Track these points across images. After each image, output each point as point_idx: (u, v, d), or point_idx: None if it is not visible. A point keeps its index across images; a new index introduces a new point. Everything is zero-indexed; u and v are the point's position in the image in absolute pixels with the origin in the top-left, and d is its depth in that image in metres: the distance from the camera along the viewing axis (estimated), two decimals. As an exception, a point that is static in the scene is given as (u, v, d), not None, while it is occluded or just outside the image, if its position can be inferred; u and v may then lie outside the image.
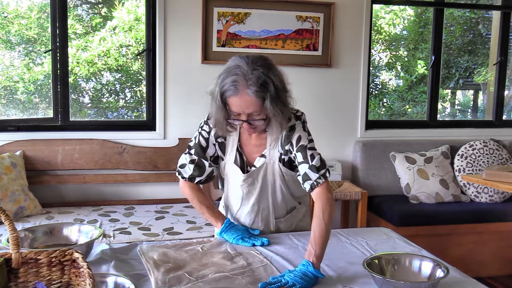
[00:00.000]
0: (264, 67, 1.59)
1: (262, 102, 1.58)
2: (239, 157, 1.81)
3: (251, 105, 1.59)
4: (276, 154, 1.76)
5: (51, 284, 1.25)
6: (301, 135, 1.72)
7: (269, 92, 1.57)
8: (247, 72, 1.56)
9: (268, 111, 1.59)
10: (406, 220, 3.34)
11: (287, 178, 1.79)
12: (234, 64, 1.60)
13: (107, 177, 3.42)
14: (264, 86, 1.57)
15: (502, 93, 4.29)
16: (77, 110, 3.72)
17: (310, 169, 1.68)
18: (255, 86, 1.56)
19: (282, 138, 1.74)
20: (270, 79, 1.58)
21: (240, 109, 1.60)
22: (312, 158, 1.69)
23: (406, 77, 4.66)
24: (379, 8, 4.43)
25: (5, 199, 2.90)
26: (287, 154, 1.75)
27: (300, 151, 1.70)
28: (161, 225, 2.96)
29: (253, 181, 1.79)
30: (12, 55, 3.56)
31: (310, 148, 1.71)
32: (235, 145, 1.80)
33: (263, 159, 1.77)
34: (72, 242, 1.66)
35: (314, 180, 1.67)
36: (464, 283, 1.43)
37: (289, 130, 1.73)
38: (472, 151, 3.73)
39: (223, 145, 1.83)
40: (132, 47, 3.74)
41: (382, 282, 1.35)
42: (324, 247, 1.53)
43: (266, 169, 1.78)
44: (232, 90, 1.57)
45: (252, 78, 1.56)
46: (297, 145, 1.71)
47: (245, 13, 3.57)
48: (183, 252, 1.63)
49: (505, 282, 3.45)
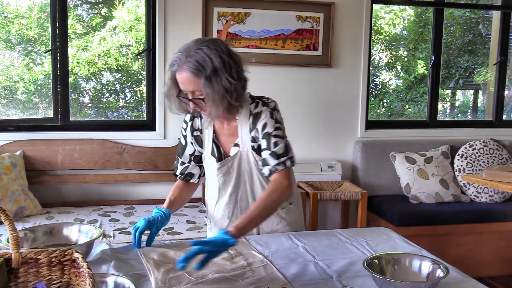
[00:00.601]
0: (208, 48, 1.59)
1: (198, 80, 1.58)
2: (215, 148, 1.81)
3: (189, 83, 1.60)
4: (248, 143, 1.75)
5: (51, 284, 1.25)
6: (267, 122, 1.71)
7: (205, 72, 1.57)
8: (189, 50, 1.59)
9: (205, 89, 1.58)
10: (406, 220, 3.35)
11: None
12: (186, 43, 1.64)
13: (107, 177, 3.42)
14: (201, 64, 1.57)
15: (502, 93, 4.29)
16: (77, 110, 3.72)
17: (270, 155, 1.68)
18: (191, 63, 1.57)
19: (250, 125, 1.73)
20: (210, 59, 1.58)
21: (183, 86, 1.63)
22: (275, 145, 1.68)
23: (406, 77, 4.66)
24: (379, 8, 4.43)
25: (5, 199, 2.90)
26: (255, 141, 1.74)
27: (265, 138, 1.70)
28: (161, 225, 2.96)
29: (228, 170, 1.79)
30: (12, 55, 3.56)
31: (275, 136, 1.70)
32: (211, 137, 1.81)
33: (237, 148, 1.77)
34: (72, 242, 1.66)
35: (273, 165, 1.67)
36: (464, 283, 1.43)
37: (255, 117, 1.72)
38: (472, 151, 3.73)
39: (199, 138, 1.84)
40: (132, 47, 3.75)
41: (382, 282, 1.35)
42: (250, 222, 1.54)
43: (240, 157, 1.77)
44: (174, 66, 1.61)
45: (192, 56, 1.58)
46: (263, 131, 1.71)
47: (245, 13, 3.57)
48: (183, 252, 1.63)
49: (505, 282, 3.45)
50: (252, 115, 1.73)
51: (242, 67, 1.69)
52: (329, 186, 3.57)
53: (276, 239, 1.79)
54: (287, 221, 1.89)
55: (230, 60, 1.62)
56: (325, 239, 1.81)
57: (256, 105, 1.74)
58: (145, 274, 1.45)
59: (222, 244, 1.44)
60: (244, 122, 1.74)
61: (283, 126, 1.76)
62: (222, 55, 1.61)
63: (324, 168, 3.67)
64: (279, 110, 1.78)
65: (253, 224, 1.59)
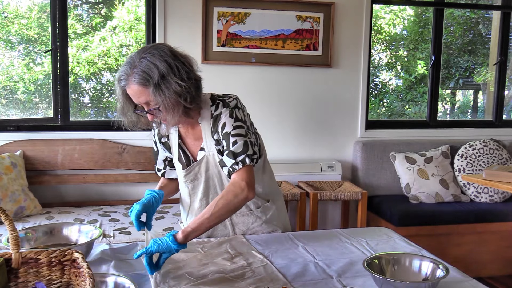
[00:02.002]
0: (151, 54, 1.54)
1: (147, 90, 1.54)
2: (183, 154, 1.78)
3: (140, 95, 1.55)
4: (213, 146, 1.71)
5: (51, 284, 1.25)
6: (226, 122, 1.65)
7: (152, 79, 1.52)
8: (134, 62, 1.55)
9: (155, 98, 1.54)
10: (406, 220, 3.35)
11: None
12: (129, 56, 1.60)
13: (107, 177, 3.42)
14: (147, 73, 1.52)
15: (502, 93, 4.29)
16: (77, 110, 3.72)
17: (227, 155, 1.63)
18: (137, 74, 1.53)
19: (211, 128, 1.69)
20: (155, 65, 1.52)
21: (135, 99, 1.59)
22: (233, 144, 1.62)
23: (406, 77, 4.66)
24: (379, 8, 4.43)
25: (5, 199, 2.90)
26: (219, 144, 1.69)
27: (225, 138, 1.65)
28: (161, 225, 2.96)
29: (195, 175, 1.77)
30: (12, 55, 3.56)
31: (234, 135, 1.63)
32: (177, 143, 1.79)
33: (203, 152, 1.73)
34: (72, 242, 1.66)
35: (230, 165, 1.62)
36: (464, 283, 1.43)
37: (215, 119, 1.67)
38: (472, 151, 3.73)
39: (167, 144, 1.83)
40: (132, 47, 3.74)
41: (382, 282, 1.35)
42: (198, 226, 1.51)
43: (207, 162, 1.73)
44: (122, 82, 1.57)
45: (137, 66, 1.53)
46: (222, 132, 1.66)
47: (245, 13, 3.57)
48: (184, 252, 1.63)
49: (505, 282, 3.45)
50: (212, 118, 1.67)
51: (192, 66, 1.63)
52: (329, 186, 3.57)
53: (276, 239, 1.79)
54: (263, 220, 1.85)
55: (176, 62, 1.56)
56: (325, 239, 1.81)
57: (217, 107, 1.68)
58: (145, 274, 1.45)
59: (167, 249, 1.43)
60: (207, 126, 1.70)
61: (246, 123, 1.69)
62: (167, 58, 1.55)
63: (324, 168, 3.67)
64: (241, 107, 1.70)
65: (202, 228, 1.52)
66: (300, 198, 3.23)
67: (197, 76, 1.65)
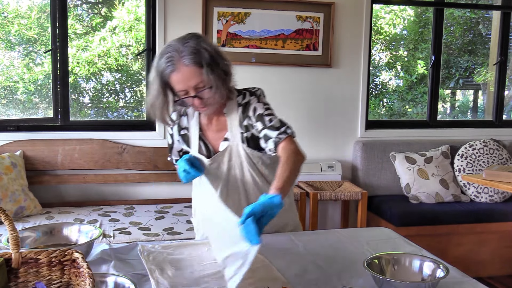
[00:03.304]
0: (194, 39, 1.61)
1: (200, 70, 1.58)
2: (203, 146, 1.80)
3: (191, 76, 1.58)
4: (238, 135, 1.73)
5: (51, 284, 1.25)
6: (256, 106, 1.71)
7: (204, 59, 1.58)
8: (179, 47, 1.59)
9: (208, 77, 1.58)
10: (406, 220, 3.35)
11: (254, 160, 1.75)
12: (165, 46, 1.63)
13: (107, 177, 3.42)
14: (198, 54, 1.57)
15: (502, 93, 4.29)
16: (77, 110, 3.72)
17: (269, 129, 1.66)
18: (189, 56, 1.57)
19: (240, 116, 1.73)
20: (203, 47, 1.59)
21: (184, 83, 1.60)
22: (270, 121, 1.67)
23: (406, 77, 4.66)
24: (379, 8, 4.43)
25: (5, 199, 2.90)
26: (248, 130, 1.72)
27: (259, 120, 1.69)
28: (161, 225, 2.96)
29: (218, 165, 1.77)
30: (12, 55, 3.56)
31: (267, 114, 1.69)
32: (197, 134, 1.80)
33: (227, 142, 1.75)
34: (72, 242, 1.66)
35: (275, 136, 1.64)
36: (464, 283, 1.43)
37: (245, 106, 1.72)
38: (472, 151, 3.73)
39: (187, 137, 1.84)
40: (132, 47, 3.74)
41: (382, 282, 1.35)
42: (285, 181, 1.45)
43: (230, 151, 1.75)
44: (169, 67, 1.58)
45: (184, 50, 1.57)
46: (255, 115, 1.70)
47: (245, 13, 3.57)
48: (184, 252, 1.63)
49: (505, 282, 3.45)
50: (241, 105, 1.73)
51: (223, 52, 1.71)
52: (329, 186, 3.57)
53: (276, 239, 1.79)
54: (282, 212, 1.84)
55: (214, 45, 1.66)
56: (325, 239, 1.81)
57: (244, 96, 1.74)
58: (145, 274, 1.45)
59: (269, 205, 1.32)
60: (234, 115, 1.74)
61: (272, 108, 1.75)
62: (207, 42, 1.63)
63: (324, 168, 3.67)
64: (265, 96, 1.78)
65: (289, 183, 1.47)
66: (300, 198, 3.23)
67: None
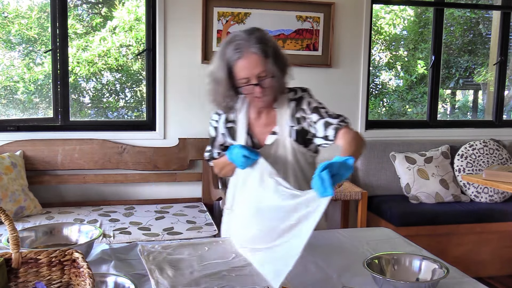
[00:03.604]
0: (260, 32, 1.70)
1: (266, 60, 1.66)
2: (249, 140, 1.84)
3: (257, 64, 1.66)
4: (287, 129, 1.79)
5: (51, 284, 1.25)
6: (310, 100, 1.79)
7: (270, 50, 1.67)
8: (246, 37, 1.67)
9: (272, 67, 1.67)
10: (406, 220, 3.35)
11: (298, 155, 1.80)
12: (231, 36, 1.71)
13: (107, 177, 3.42)
14: (264, 44, 1.66)
15: (502, 93, 4.29)
16: (77, 110, 3.72)
17: (329, 117, 1.74)
18: (257, 45, 1.65)
19: (292, 109, 1.79)
20: (268, 39, 1.69)
21: (249, 71, 1.66)
22: (327, 113, 1.75)
23: (406, 77, 4.66)
24: (379, 8, 4.43)
25: (5, 199, 2.90)
26: (299, 123, 1.78)
27: (315, 112, 1.76)
28: (161, 225, 2.96)
29: (266, 157, 1.79)
30: (12, 55, 3.56)
31: (322, 107, 1.78)
32: (245, 128, 1.85)
33: (275, 136, 1.81)
34: (72, 242, 1.66)
35: (337, 123, 1.71)
36: (464, 283, 1.44)
37: (298, 100, 1.80)
38: (472, 151, 3.73)
39: (233, 130, 1.87)
40: (132, 47, 3.74)
41: (382, 282, 1.35)
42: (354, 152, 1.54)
43: (277, 145, 1.81)
44: (237, 54, 1.66)
45: (252, 40, 1.66)
46: (309, 108, 1.77)
47: (245, 13, 3.57)
48: (184, 252, 1.63)
49: (505, 282, 3.45)
50: (294, 100, 1.80)
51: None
52: (329, 186, 3.56)
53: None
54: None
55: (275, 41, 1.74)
56: (325, 239, 1.81)
57: (295, 92, 1.82)
58: (145, 274, 1.45)
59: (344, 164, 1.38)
60: (284, 109, 1.80)
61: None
62: (268, 35, 1.71)
63: (324, 168, 3.66)
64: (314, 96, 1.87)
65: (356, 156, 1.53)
66: (300, 198, 3.23)
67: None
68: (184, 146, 3.51)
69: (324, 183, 1.32)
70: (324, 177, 1.32)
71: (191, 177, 3.55)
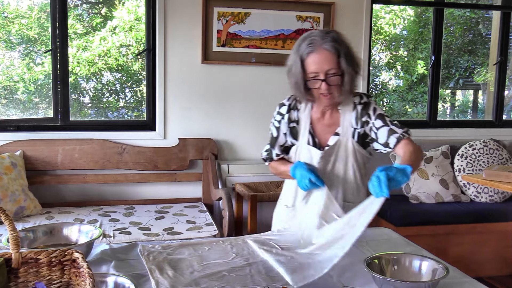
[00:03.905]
0: (335, 33, 1.76)
1: (337, 58, 1.71)
2: (311, 139, 1.88)
3: (328, 60, 1.71)
4: (350, 130, 1.85)
5: (51, 284, 1.25)
6: (376, 107, 1.85)
7: (343, 49, 1.72)
8: (322, 35, 1.74)
9: (343, 65, 1.72)
10: (406, 220, 3.34)
11: (359, 157, 1.87)
12: (308, 33, 1.79)
13: (107, 177, 3.42)
14: (338, 43, 1.72)
15: (502, 93, 4.29)
16: (77, 110, 3.72)
17: (393, 125, 1.81)
18: (330, 42, 1.71)
19: (358, 113, 1.84)
20: (343, 40, 1.75)
21: (318, 65, 1.72)
22: (391, 122, 1.82)
23: (406, 77, 4.66)
24: (379, 8, 4.43)
25: (5, 199, 2.90)
26: (363, 126, 1.84)
27: (379, 118, 1.83)
28: (161, 225, 2.96)
29: (328, 157, 1.86)
30: (12, 55, 3.56)
31: (387, 116, 1.85)
32: (307, 128, 1.89)
33: (337, 137, 1.86)
34: (72, 242, 1.66)
35: (400, 133, 1.79)
36: (464, 283, 1.44)
37: (365, 105, 1.85)
38: (472, 151, 3.73)
39: (295, 130, 1.92)
40: (132, 47, 3.75)
41: (382, 282, 1.35)
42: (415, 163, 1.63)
43: (339, 145, 1.86)
44: (309, 48, 1.73)
45: (326, 38, 1.72)
46: (375, 114, 1.83)
47: (245, 13, 3.57)
48: (184, 252, 1.63)
49: (505, 282, 3.45)
50: (360, 104, 1.85)
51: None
52: (329, 186, 3.57)
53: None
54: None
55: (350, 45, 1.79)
56: (325, 239, 1.80)
57: (361, 97, 1.86)
58: (145, 274, 1.45)
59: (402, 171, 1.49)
60: (348, 112, 1.85)
61: None
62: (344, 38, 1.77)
63: (324, 168, 3.66)
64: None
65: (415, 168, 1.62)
66: (300, 198, 3.23)
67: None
68: (184, 146, 3.51)
69: (380, 183, 1.43)
70: (381, 178, 1.43)
71: (191, 177, 3.55)
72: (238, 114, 3.67)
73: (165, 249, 1.65)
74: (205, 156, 3.52)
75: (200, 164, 3.60)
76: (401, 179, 1.48)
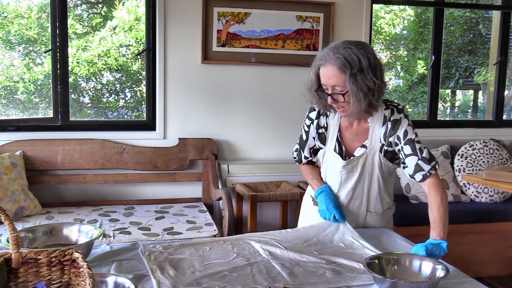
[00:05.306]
0: (357, 48, 1.69)
1: (342, 76, 1.68)
2: (338, 146, 1.89)
3: (332, 76, 1.69)
4: (378, 145, 1.84)
5: (51, 284, 1.25)
6: (407, 130, 1.80)
7: (351, 69, 1.66)
8: (338, 48, 1.70)
9: (348, 85, 1.68)
10: (406, 220, 3.34)
11: (384, 169, 1.87)
12: (333, 43, 1.77)
13: (107, 177, 3.42)
14: (348, 61, 1.67)
15: (502, 93, 4.29)
16: (77, 110, 3.72)
17: (422, 160, 1.78)
18: (339, 59, 1.67)
19: (387, 130, 1.81)
20: (358, 58, 1.67)
21: (325, 79, 1.73)
22: (421, 151, 1.79)
23: (406, 77, 4.66)
24: (379, 8, 4.43)
25: (5, 199, 2.90)
26: (391, 145, 1.83)
27: (409, 144, 1.79)
28: (161, 225, 2.96)
29: (352, 168, 1.87)
30: (12, 55, 3.56)
31: (417, 142, 1.80)
32: (335, 135, 1.90)
33: (364, 149, 1.85)
34: (72, 242, 1.66)
35: (427, 171, 1.80)
36: (464, 283, 1.44)
37: (394, 123, 1.80)
38: (472, 151, 3.73)
39: (324, 135, 1.94)
40: (132, 47, 3.74)
41: (382, 282, 1.35)
42: (445, 229, 1.82)
43: (366, 158, 1.86)
44: (321, 61, 1.73)
45: (340, 53, 1.68)
46: (405, 138, 1.79)
47: (245, 13, 3.57)
48: (185, 252, 1.63)
49: (505, 282, 3.45)
50: (390, 121, 1.81)
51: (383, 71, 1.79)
52: (329, 186, 3.57)
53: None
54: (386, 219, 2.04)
55: (376, 62, 1.72)
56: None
57: (392, 112, 1.82)
58: (145, 274, 1.45)
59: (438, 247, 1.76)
60: (377, 126, 1.83)
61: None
62: (369, 56, 1.70)
63: (324, 168, 3.66)
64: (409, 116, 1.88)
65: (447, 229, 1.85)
66: (300, 198, 3.23)
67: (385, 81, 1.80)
68: (184, 146, 3.51)
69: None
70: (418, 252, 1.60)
71: (191, 177, 3.55)
72: (238, 114, 3.67)
73: (166, 249, 1.65)
74: (205, 156, 3.52)
75: (200, 164, 3.60)
76: (439, 254, 1.69)
